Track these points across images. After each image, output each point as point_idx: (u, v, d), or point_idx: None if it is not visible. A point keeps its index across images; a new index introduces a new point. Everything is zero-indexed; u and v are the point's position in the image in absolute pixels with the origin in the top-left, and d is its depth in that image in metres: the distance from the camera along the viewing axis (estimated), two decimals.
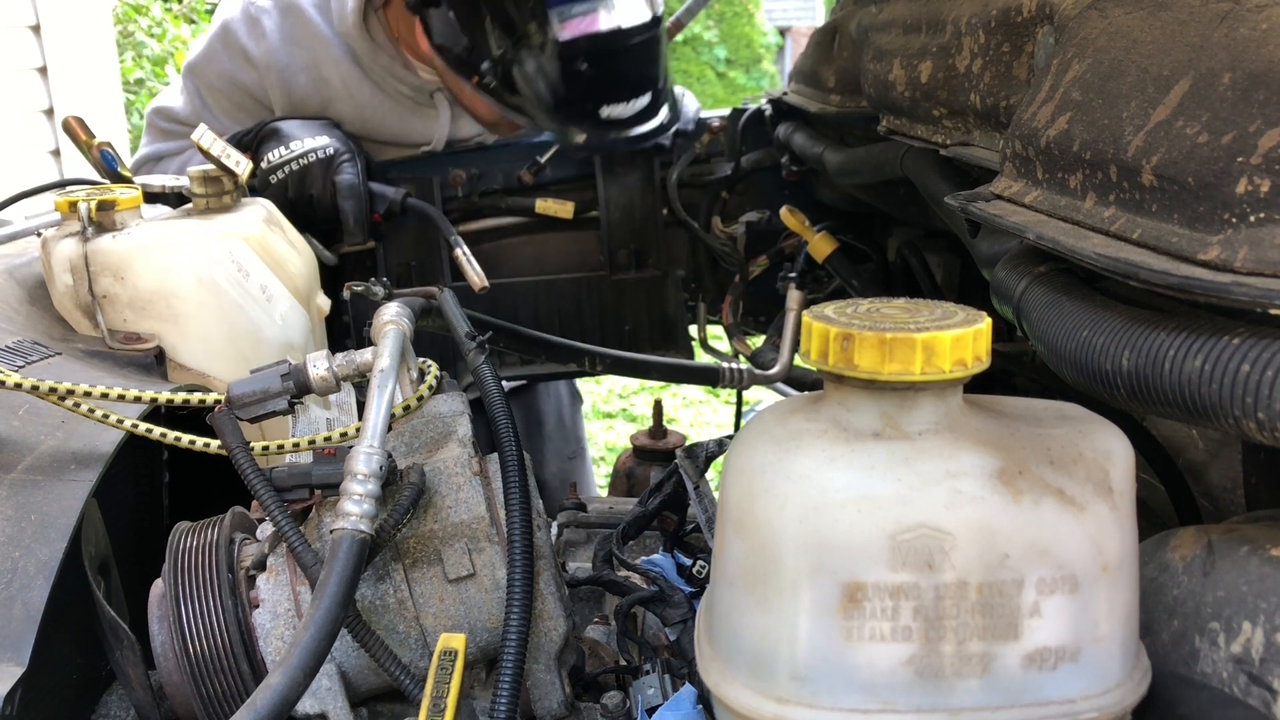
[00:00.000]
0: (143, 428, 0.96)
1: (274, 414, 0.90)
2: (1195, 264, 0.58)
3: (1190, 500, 0.98)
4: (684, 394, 5.08)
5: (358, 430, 0.89)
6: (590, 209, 2.04)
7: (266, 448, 0.92)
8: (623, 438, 4.57)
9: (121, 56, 5.30)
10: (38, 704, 0.80)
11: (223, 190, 1.42)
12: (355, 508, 0.76)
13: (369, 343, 0.93)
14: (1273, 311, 0.53)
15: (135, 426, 0.97)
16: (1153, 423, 1.03)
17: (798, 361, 1.60)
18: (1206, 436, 1.01)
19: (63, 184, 1.55)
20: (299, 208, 1.78)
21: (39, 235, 1.37)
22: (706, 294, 2.12)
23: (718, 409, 4.99)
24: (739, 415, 1.92)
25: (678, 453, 1.07)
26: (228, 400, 0.89)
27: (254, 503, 0.88)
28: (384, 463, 0.79)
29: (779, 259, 1.91)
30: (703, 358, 1.98)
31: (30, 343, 1.16)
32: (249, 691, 0.83)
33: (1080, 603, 0.57)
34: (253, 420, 0.89)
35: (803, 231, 1.73)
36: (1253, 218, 0.56)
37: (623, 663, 0.97)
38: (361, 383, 0.91)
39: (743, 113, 2.02)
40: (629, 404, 5.06)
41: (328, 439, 0.92)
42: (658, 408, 1.97)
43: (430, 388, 0.93)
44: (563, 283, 2.08)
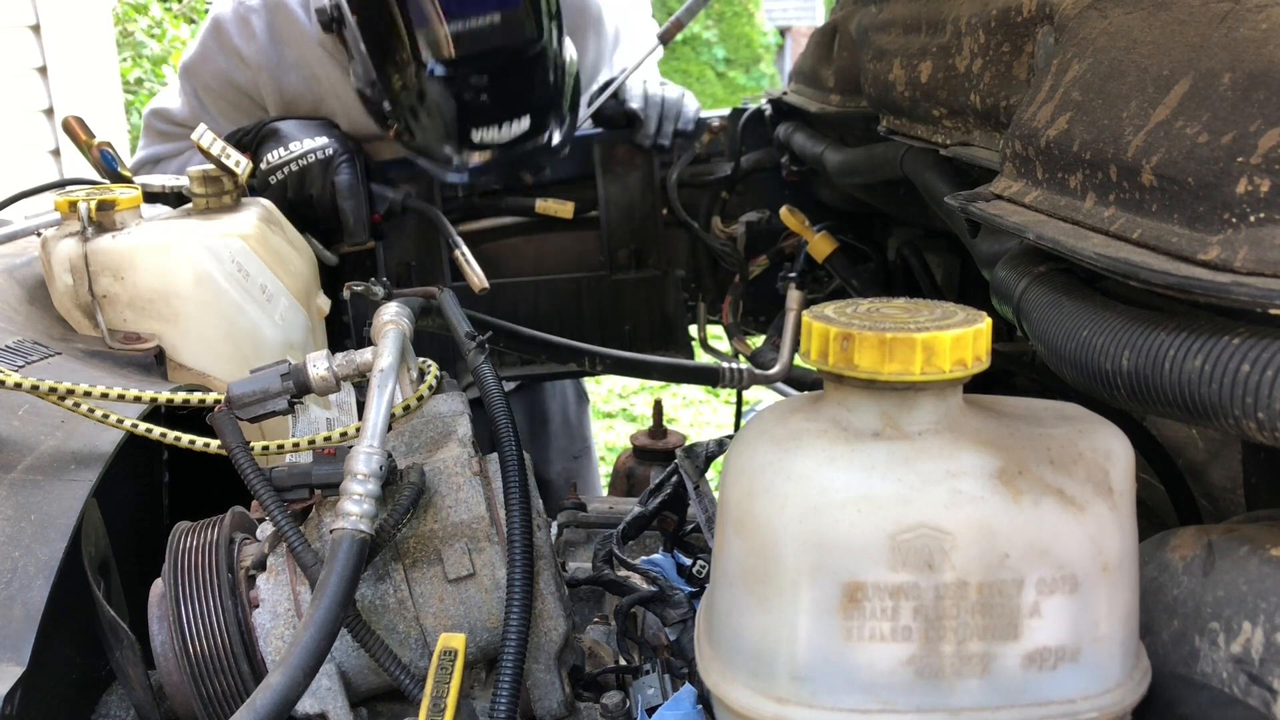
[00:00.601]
0: (143, 427, 0.96)
1: (274, 414, 0.90)
2: (1195, 264, 0.58)
3: (1190, 500, 0.98)
4: (684, 394, 5.08)
5: (358, 430, 0.89)
6: (590, 209, 2.04)
7: (266, 448, 0.92)
8: (623, 438, 4.57)
9: (121, 56, 5.30)
10: (38, 704, 0.80)
11: (222, 190, 1.42)
12: (355, 508, 0.76)
13: (369, 343, 0.93)
14: (1273, 311, 0.53)
15: (135, 426, 0.97)
16: (1153, 423, 1.03)
17: (798, 361, 1.60)
18: (1206, 436, 1.01)
19: (63, 184, 1.55)
20: (299, 208, 1.77)
21: (39, 235, 1.37)
22: (706, 294, 2.12)
23: (718, 409, 4.99)
24: (739, 415, 1.92)
25: (678, 453, 1.07)
26: (227, 400, 0.89)
27: (254, 503, 0.88)
28: (384, 463, 0.80)
29: (779, 259, 1.91)
30: (703, 358, 1.98)
31: (30, 343, 1.16)
32: (249, 691, 0.83)
33: (1080, 603, 0.57)
34: (253, 420, 0.89)
35: (803, 231, 1.73)
36: (1253, 218, 0.56)
37: (623, 663, 0.97)
38: (361, 383, 0.91)
39: (743, 113, 2.02)
40: (629, 404, 5.06)
41: (328, 439, 0.92)
42: (658, 408, 1.97)
43: (430, 388, 0.93)
44: (562, 283, 2.08)
